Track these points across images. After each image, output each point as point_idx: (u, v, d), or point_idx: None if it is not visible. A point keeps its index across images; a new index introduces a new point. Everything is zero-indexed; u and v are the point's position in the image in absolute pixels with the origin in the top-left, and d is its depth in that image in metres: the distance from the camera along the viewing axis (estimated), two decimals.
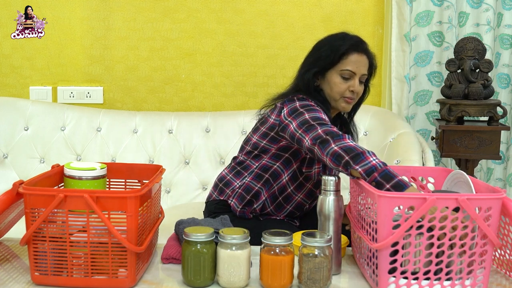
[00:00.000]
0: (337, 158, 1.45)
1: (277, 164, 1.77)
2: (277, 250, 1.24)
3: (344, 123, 1.88)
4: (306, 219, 1.91)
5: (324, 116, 1.62)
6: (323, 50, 1.75)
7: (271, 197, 1.80)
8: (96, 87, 2.83)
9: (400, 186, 1.35)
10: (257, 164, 1.80)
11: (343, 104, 1.74)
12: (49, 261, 1.24)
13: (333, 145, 1.47)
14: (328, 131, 1.53)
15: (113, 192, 1.35)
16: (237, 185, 1.81)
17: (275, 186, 1.79)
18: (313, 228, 1.77)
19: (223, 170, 1.91)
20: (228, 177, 1.85)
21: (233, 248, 1.25)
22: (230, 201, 1.80)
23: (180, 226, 1.50)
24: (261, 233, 1.28)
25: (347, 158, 1.42)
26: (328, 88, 1.74)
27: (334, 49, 1.72)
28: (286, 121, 1.67)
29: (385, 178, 1.36)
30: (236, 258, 1.25)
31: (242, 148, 1.87)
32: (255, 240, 1.34)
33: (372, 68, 1.80)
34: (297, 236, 1.37)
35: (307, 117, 1.61)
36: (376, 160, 1.40)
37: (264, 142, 1.78)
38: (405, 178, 1.48)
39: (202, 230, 1.28)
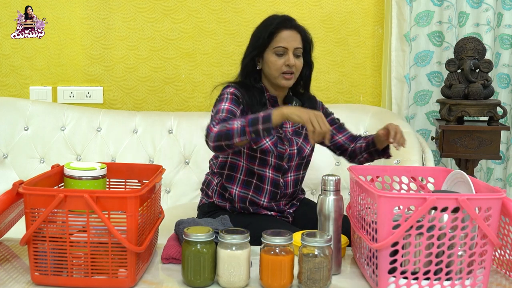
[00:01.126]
0: (219, 148, 1.64)
1: (229, 156, 1.85)
2: (277, 250, 1.24)
3: (305, 99, 1.92)
4: (299, 213, 1.93)
5: (223, 106, 1.75)
6: (256, 34, 1.86)
7: (244, 185, 1.84)
8: (96, 87, 2.83)
9: (268, 117, 1.55)
10: (217, 163, 1.91)
11: (282, 81, 1.81)
12: (49, 261, 1.24)
13: (209, 145, 1.66)
14: (206, 129, 1.69)
15: (113, 192, 1.35)
16: (215, 183, 1.90)
17: (240, 176, 1.84)
18: (306, 223, 1.78)
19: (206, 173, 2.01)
20: (209, 178, 1.95)
21: (233, 248, 1.25)
22: (215, 202, 1.89)
23: (180, 226, 1.50)
24: (253, 231, 1.30)
25: (223, 144, 1.61)
26: (267, 68, 1.82)
27: (264, 31, 1.83)
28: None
29: (254, 124, 1.56)
30: (236, 258, 1.25)
31: None
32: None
33: (306, 42, 1.86)
34: (297, 236, 1.37)
35: (213, 112, 1.78)
36: (238, 122, 1.58)
37: None
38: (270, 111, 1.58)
39: (202, 230, 1.28)
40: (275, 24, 1.82)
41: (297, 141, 1.87)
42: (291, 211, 1.92)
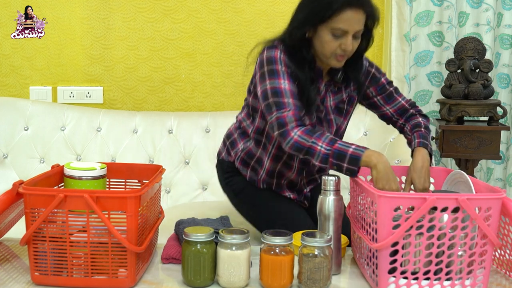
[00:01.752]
0: (295, 154, 1.53)
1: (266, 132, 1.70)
2: (277, 250, 1.24)
3: (350, 69, 1.71)
4: (317, 193, 1.85)
5: (283, 85, 1.55)
6: (314, 5, 1.57)
7: (275, 158, 1.72)
8: (96, 87, 2.83)
9: (356, 159, 1.41)
10: (252, 127, 1.73)
11: (333, 61, 1.61)
12: (49, 261, 1.24)
13: (284, 145, 1.52)
14: (279, 122, 1.52)
15: (113, 192, 1.35)
16: (240, 148, 1.77)
17: (272, 149, 1.71)
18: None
19: (232, 124, 1.86)
20: (235, 136, 1.81)
21: (233, 248, 1.25)
22: (236, 166, 1.78)
23: (180, 226, 1.50)
24: (264, 212, 1.28)
25: (301, 157, 1.50)
26: (318, 44, 1.60)
27: (326, 5, 1.53)
28: (254, 83, 1.66)
29: (339, 159, 1.43)
30: (236, 258, 1.25)
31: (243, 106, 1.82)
32: (258, 215, 1.32)
33: (371, 20, 1.60)
34: (297, 236, 1.37)
35: (268, 86, 1.57)
36: (323, 146, 1.45)
37: (251, 98, 1.73)
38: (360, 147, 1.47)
39: (202, 230, 1.28)
40: (341, 2, 1.52)
41: (337, 121, 1.75)
42: (309, 192, 1.84)
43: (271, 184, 1.80)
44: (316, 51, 1.63)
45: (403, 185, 1.58)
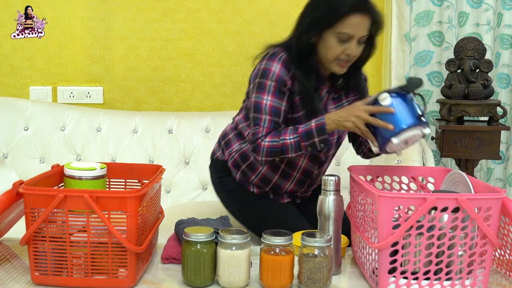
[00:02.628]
0: (271, 162, 1.60)
1: None
2: (277, 250, 1.24)
3: (351, 75, 1.71)
4: (308, 205, 1.85)
5: (265, 101, 1.57)
6: (320, 10, 1.57)
7: (272, 167, 1.72)
8: (96, 87, 2.83)
9: (322, 128, 1.48)
10: (248, 130, 1.69)
11: (336, 67, 1.61)
12: (49, 261, 1.24)
13: (259, 158, 1.57)
14: (252, 139, 1.58)
15: (113, 192, 1.35)
16: (235, 148, 1.77)
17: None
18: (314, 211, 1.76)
19: (228, 125, 1.87)
20: (230, 136, 1.81)
21: (233, 248, 1.25)
22: (229, 165, 1.79)
23: (180, 226, 1.50)
24: (253, 217, 1.29)
25: (277, 159, 1.57)
26: (323, 48, 1.59)
27: (332, 10, 1.54)
28: (248, 90, 1.70)
29: (309, 138, 1.49)
30: (236, 258, 1.25)
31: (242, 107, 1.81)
32: (248, 215, 1.34)
33: (376, 26, 1.60)
34: (297, 236, 1.37)
35: (252, 100, 1.61)
36: (291, 137, 1.51)
37: (248, 102, 1.72)
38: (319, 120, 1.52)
39: (202, 230, 1.28)
40: (347, 7, 1.52)
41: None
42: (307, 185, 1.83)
43: (264, 190, 1.78)
44: (319, 57, 1.63)
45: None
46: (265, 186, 1.77)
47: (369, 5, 1.56)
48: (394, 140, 1.39)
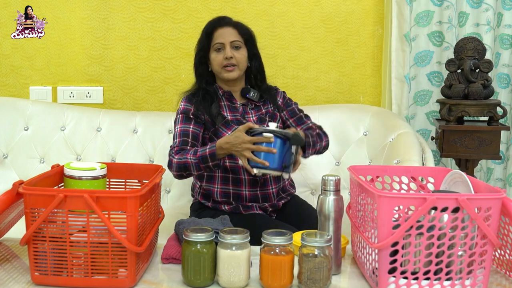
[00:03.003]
0: (181, 177, 1.90)
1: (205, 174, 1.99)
2: (277, 250, 1.24)
3: (263, 90, 2.07)
4: (287, 209, 2.02)
5: (177, 129, 1.94)
6: (199, 39, 2.03)
7: (223, 180, 1.95)
8: (96, 87, 2.83)
9: (213, 155, 1.77)
10: None
11: (225, 74, 1.96)
12: (49, 261, 1.24)
13: (172, 172, 1.88)
14: (169, 157, 1.89)
15: (113, 192, 1.35)
16: (198, 186, 2.03)
17: (218, 175, 1.96)
18: (291, 219, 1.88)
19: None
20: (193, 182, 2.10)
21: (233, 248, 1.25)
22: (199, 201, 2.01)
23: (180, 226, 1.50)
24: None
25: (185, 174, 1.86)
26: (212, 66, 2.00)
27: (203, 34, 2.01)
28: None
29: (205, 161, 1.79)
30: (236, 258, 1.25)
31: None
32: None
33: (246, 35, 2.01)
34: (297, 236, 1.37)
35: (173, 131, 1.98)
36: (191, 158, 1.81)
37: None
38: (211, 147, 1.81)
39: (202, 230, 1.28)
40: (210, 25, 1.99)
41: None
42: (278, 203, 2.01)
43: (232, 204, 1.97)
44: (217, 76, 2.02)
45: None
46: (229, 198, 1.96)
47: (227, 20, 2.01)
48: (255, 170, 1.72)
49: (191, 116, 1.95)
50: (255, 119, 2.01)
